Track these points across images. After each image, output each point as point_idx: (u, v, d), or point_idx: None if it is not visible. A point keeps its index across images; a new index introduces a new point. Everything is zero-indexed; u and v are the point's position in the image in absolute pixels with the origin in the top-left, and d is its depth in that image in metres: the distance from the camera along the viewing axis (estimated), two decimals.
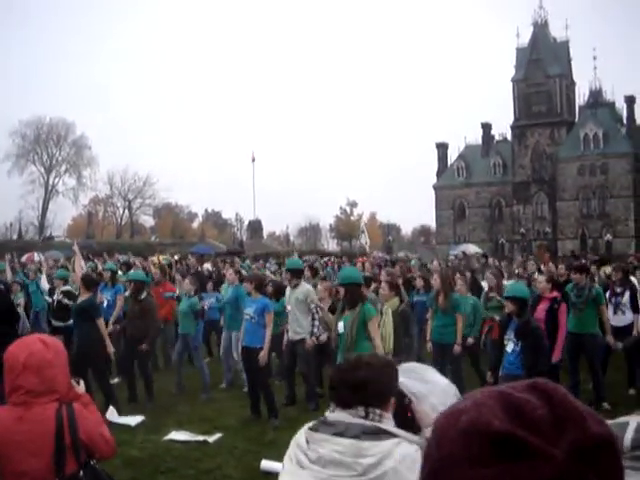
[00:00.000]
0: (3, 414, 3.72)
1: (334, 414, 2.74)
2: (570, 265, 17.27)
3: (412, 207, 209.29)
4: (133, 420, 10.54)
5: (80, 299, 11.36)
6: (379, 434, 2.63)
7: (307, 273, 14.77)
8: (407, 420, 2.79)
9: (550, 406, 0.91)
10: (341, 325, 8.81)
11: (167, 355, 14.93)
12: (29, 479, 3.67)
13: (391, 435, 2.63)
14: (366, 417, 2.69)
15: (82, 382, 4.17)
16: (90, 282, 11.74)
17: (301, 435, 2.74)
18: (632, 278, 13.68)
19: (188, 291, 13.11)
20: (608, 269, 17.38)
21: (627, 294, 12.86)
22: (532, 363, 8.54)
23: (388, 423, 2.71)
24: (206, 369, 12.61)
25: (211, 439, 9.52)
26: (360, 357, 2.92)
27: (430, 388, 2.86)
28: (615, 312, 12.42)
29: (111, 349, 11.25)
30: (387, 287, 11.05)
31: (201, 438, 9.56)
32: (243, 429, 10.05)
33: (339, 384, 2.79)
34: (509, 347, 8.78)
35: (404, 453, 2.59)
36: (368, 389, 2.70)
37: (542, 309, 10.64)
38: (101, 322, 11.15)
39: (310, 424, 2.78)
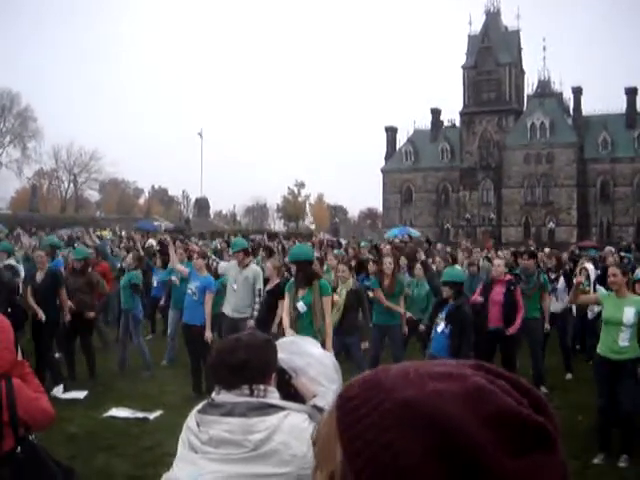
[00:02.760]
0: None
1: (220, 395, 2.77)
2: (516, 252, 17.56)
3: (360, 190, 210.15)
4: (80, 394, 10.45)
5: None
6: (266, 409, 2.69)
7: (262, 253, 14.74)
8: (291, 394, 2.86)
9: (523, 393, 0.89)
10: (301, 304, 8.68)
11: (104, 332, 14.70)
12: None
13: (278, 408, 2.69)
14: (251, 394, 2.73)
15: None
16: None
17: (191, 418, 2.78)
18: (587, 265, 13.94)
19: (129, 265, 12.99)
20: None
21: (561, 280, 13.12)
22: (457, 347, 8.70)
23: (273, 397, 2.76)
24: (144, 346, 12.52)
25: (152, 416, 9.48)
26: (238, 338, 2.93)
27: (307, 361, 2.93)
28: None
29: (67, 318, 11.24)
30: (347, 269, 11.02)
31: (142, 415, 9.51)
32: (184, 406, 9.89)
33: (220, 367, 2.81)
34: (439, 327, 8.94)
35: (292, 424, 2.66)
36: (249, 368, 2.74)
37: (499, 292, 10.81)
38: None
39: (199, 407, 2.80)
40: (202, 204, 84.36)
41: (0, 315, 4.04)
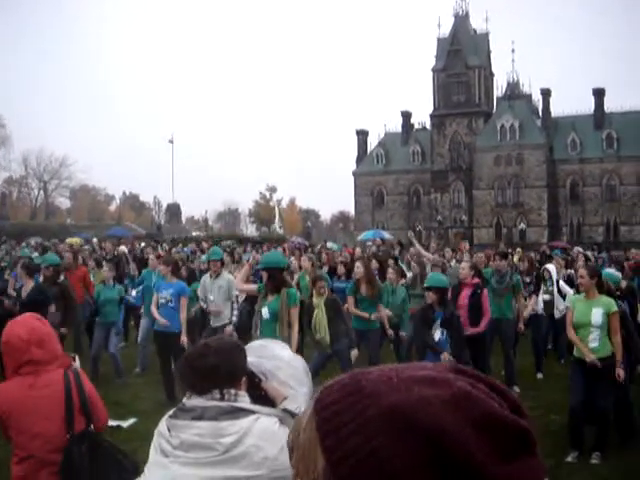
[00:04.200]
0: (14, 385, 4.08)
1: (191, 400, 2.79)
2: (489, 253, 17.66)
3: (331, 193, 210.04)
4: None
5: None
6: (236, 412, 2.70)
7: (227, 259, 14.70)
8: (261, 397, 2.88)
9: (501, 396, 0.89)
10: (265, 311, 8.68)
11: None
12: (42, 440, 4.05)
13: (248, 412, 2.71)
14: (222, 399, 2.75)
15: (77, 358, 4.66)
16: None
17: (162, 424, 2.79)
18: (549, 266, 14.03)
19: (108, 279, 12.85)
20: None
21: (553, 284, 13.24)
22: (460, 353, 8.79)
23: (244, 401, 2.78)
24: (118, 354, 12.47)
25: (125, 424, 9.43)
26: (207, 343, 2.96)
27: (277, 364, 2.96)
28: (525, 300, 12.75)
29: None
30: (325, 285, 10.85)
31: (115, 423, 9.43)
32: (158, 414, 9.83)
33: (190, 372, 2.83)
34: (436, 336, 8.94)
35: (263, 427, 2.67)
36: (219, 373, 2.76)
37: (465, 296, 10.79)
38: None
39: (170, 412, 2.82)
40: (174, 210, 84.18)
41: (38, 316, 4.33)
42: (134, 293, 15.27)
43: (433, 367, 0.93)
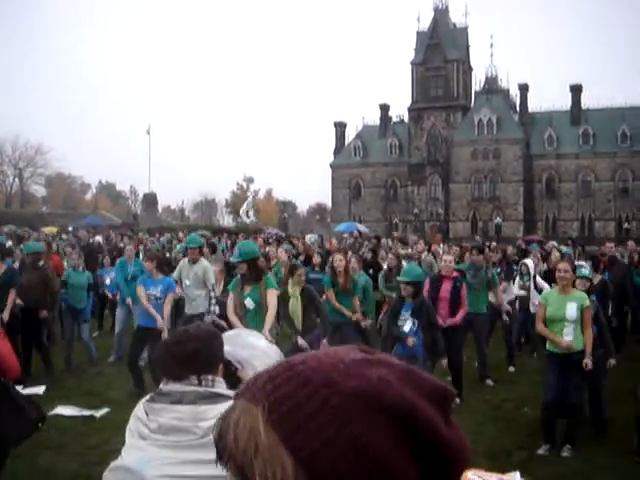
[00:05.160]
0: None
1: (168, 385, 2.80)
2: (462, 246, 17.73)
3: (309, 185, 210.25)
4: (39, 389, 10.30)
5: None
6: (215, 398, 2.71)
7: (205, 250, 14.67)
8: (237, 386, 2.91)
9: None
10: (249, 301, 8.67)
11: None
12: None
13: (227, 397, 2.72)
14: (199, 384, 2.77)
15: None
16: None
17: (139, 408, 2.80)
18: (527, 261, 14.10)
19: (77, 265, 12.83)
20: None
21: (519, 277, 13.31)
22: (433, 341, 8.81)
23: (221, 387, 2.80)
24: (91, 343, 12.39)
25: (98, 414, 9.38)
26: (186, 330, 2.97)
27: (253, 353, 2.98)
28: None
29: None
30: (303, 274, 10.83)
31: (88, 413, 9.41)
32: (131, 403, 9.79)
33: (168, 358, 2.84)
34: (406, 327, 8.93)
35: None
36: (197, 360, 2.77)
37: (446, 289, 10.76)
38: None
39: (147, 397, 2.82)
40: (150, 199, 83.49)
41: None
42: (108, 282, 15.20)
43: (352, 350, 0.92)
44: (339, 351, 0.92)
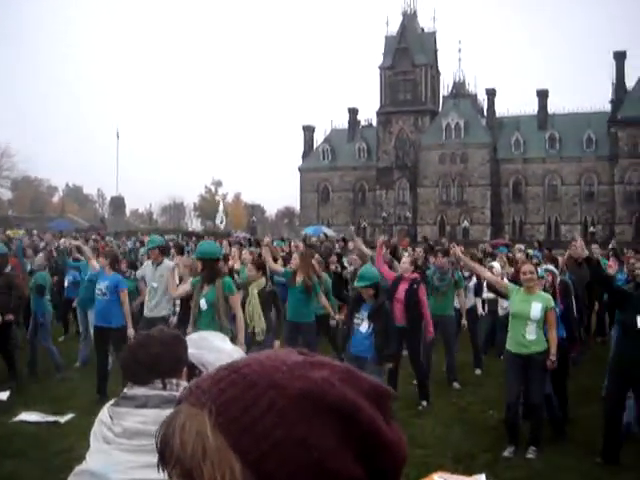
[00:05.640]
0: None
1: (132, 389, 2.80)
2: (427, 248, 17.77)
3: (277, 188, 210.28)
4: (2, 395, 10.18)
5: None
6: None
7: (173, 251, 14.65)
8: None
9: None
10: (203, 302, 8.69)
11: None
12: None
13: None
14: (164, 388, 2.78)
15: None
16: None
17: (104, 412, 2.79)
18: (494, 264, 14.16)
19: (39, 266, 12.75)
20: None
21: (474, 279, 13.37)
22: (382, 345, 8.78)
23: None
24: (53, 348, 12.27)
25: (63, 420, 9.29)
26: (149, 334, 2.98)
27: (218, 356, 2.98)
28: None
29: None
30: (254, 268, 10.82)
31: (52, 419, 9.31)
32: (96, 409, 9.78)
33: (133, 362, 2.85)
34: (362, 327, 8.93)
35: None
36: (161, 363, 2.79)
37: (402, 289, 10.77)
38: None
39: (111, 401, 2.81)
40: (117, 203, 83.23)
41: None
42: (66, 284, 15.11)
43: (291, 352, 0.94)
44: (280, 354, 0.93)
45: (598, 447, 8.04)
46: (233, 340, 7.21)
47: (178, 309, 11.19)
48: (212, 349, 3.07)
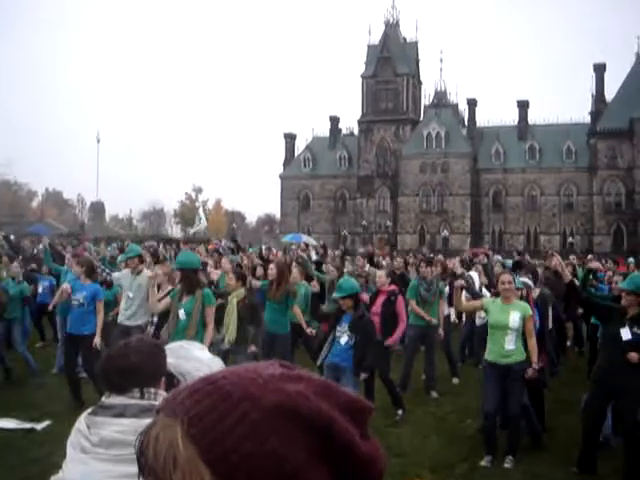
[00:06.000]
0: None
1: (110, 399, 2.79)
2: (406, 259, 17.80)
3: (258, 196, 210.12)
4: None
5: None
6: None
7: (149, 259, 14.51)
8: None
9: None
10: (182, 312, 8.66)
11: None
12: None
13: None
14: (142, 397, 2.77)
15: None
16: None
17: (81, 421, 2.78)
18: (472, 273, 14.23)
19: (16, 275, 12.69)
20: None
21: (447, 288, 13.41)
22: (362, 356, 8.80)
23: None
24: (28, 354, 12.20)
25: (39, 426, 9.22)
26: (128, 343, 2.98)
27: (196, 365, 2.99)
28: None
29: None
30: (234, 277, 10.70)
31: (28, 426, 9.24)
32: (73, 415, 9.70)
33: (111, 371, 2.84)
34: (343, 339, 8.93)
35: None
36: (139, 372, 2.79)
37: (379, 303, 10.78)
38: None
39: (89, 410, 2.81)
40: (97, 208, 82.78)
41: None
42: (40, 290, 15.04)
43: (272, 365, 0.94)
44: (259, 366, 0.93)
45: (574, 457, 8.09)
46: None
47: (156, 319, 11.09)
48: (190, 359, 3.08)
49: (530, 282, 11.31)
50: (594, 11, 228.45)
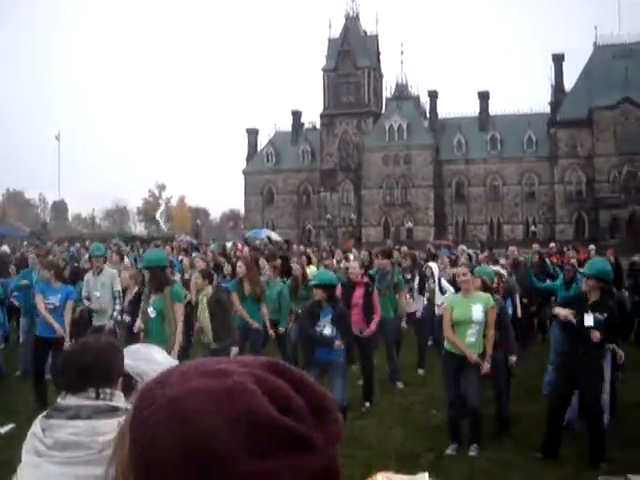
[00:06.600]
0: None
1: (65, 400, 2.78)
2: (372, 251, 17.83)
3: (222, 191, 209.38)
4: None
5: None
6: (112, 412, 2.72)
7: (115, 257, 14.45)
8: None
9: (303, 394, 0.89)
10: (151, 310, 8.67)
11: None
12: None
13: (124, 411, 2.72)
14: (97, 398, 2.77)
15: None
16: None
17: (36, 425, 2.78)
18: (432, 264, 14.30)
19: None
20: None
21: (417, 279, 13.47)
22: (350, 347, 8.94)
23: (119, 400, 2.81)
24: None
25: (3, 430, 9.14)
26: (85, 342, 3.00)
27: (154, 367, 2.99)
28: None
29: None
30: (201, 276, 10.46)
31: None
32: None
33: (67, 370, 2.84)
34: (326, 331, 8.93)
35: None
36: (96, 372, 2.78)
37: (359, 295, 10.75)
38: None
39: (44, 413, 2.80)
40: (60, 207, 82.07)
41: None
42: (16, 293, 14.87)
43: (238, 361, 0.93)
44: (214, 360, 0.94)
45: (538, 443, 8.21)
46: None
47: (117, 314, 11.03)
48: (148, 360, 3.07)
49: (503, 271, 11.40)
50: (552, 1, 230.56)
